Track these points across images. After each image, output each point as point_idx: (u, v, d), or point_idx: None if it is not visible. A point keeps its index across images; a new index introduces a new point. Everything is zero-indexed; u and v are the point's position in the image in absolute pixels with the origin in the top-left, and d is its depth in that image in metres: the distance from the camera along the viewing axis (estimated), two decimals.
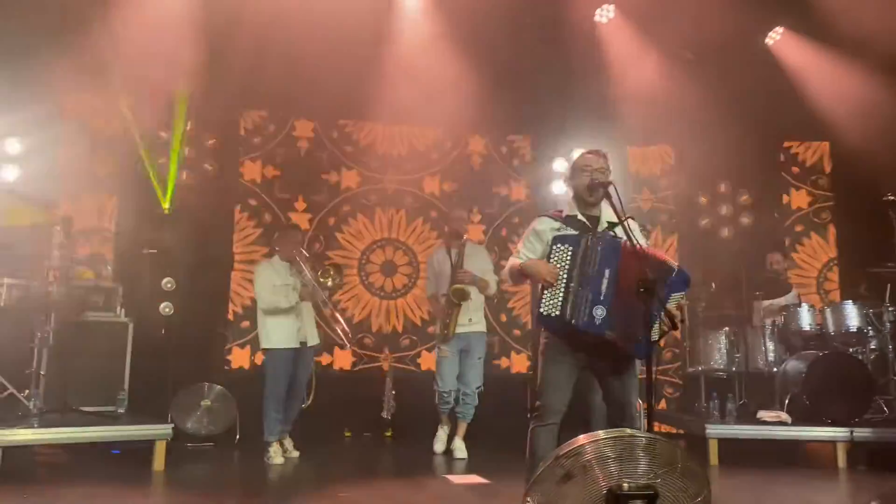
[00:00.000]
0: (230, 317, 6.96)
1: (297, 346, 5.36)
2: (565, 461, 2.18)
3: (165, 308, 6.18)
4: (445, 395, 5.73)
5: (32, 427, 4.69)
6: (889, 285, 6.02)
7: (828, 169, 7.90)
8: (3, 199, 5.77)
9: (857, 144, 6.95)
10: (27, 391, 5.10)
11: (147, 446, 4.97)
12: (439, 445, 5.87)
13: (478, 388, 5.78)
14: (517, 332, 7.53)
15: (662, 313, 3.03)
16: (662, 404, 7.52)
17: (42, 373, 5.18)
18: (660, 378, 7.60)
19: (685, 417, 6.38)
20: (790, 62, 7.01)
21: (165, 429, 4.97)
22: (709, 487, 2.23)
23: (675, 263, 3.26)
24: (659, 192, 7.91)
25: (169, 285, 6.22)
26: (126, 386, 5.71)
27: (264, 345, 5.38)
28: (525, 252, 3.50)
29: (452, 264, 5.71)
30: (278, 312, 5.31)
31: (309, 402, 6.09)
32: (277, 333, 5.33)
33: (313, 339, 5.59)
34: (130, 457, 5.20)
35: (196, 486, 4.83)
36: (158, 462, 4.87)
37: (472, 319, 5.76)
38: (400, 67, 6.46)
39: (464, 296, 5.60)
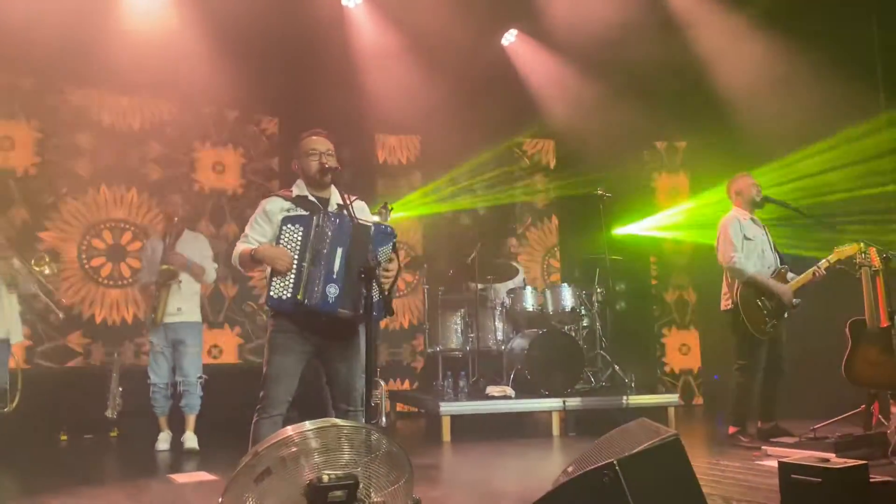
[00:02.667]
0: None
1: None
2: (266, 455, 2.10)
3: None
4: (159, 388, 5.45)
5: None
6: (598, 270, 6.76)
7: (553, 164, 8.67)
8: None
9: (578, 142, 7.71)
10: None
11: None
12: (162, 443, 5.54)
13: (199, 377, 5.54)
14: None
15: (380, 289, 3.07)
16: (404, 385, 7.78)
17: None
18: (403, 359, 7.86)
19: (423, 397, 6.64)
20: (522, 63, 7.55)
21: None
22: (411, 469, 2.28)
23: (373, 221, 3.30)
24: (404, 177, 8.14)
25: None
26: None
27: None
28: (253, 235, 3.37)
29: (165, 247, 5.42)
30: None
31: (13, 405, 5.38)
32: None
33: (16, 336, 4.94)
34: None
35: None
36: None
37: (182, 308, 5.47)
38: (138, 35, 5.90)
39: (171, 275, 5.32)
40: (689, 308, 8.21)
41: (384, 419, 6.21)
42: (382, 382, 6.35)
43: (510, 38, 7.52)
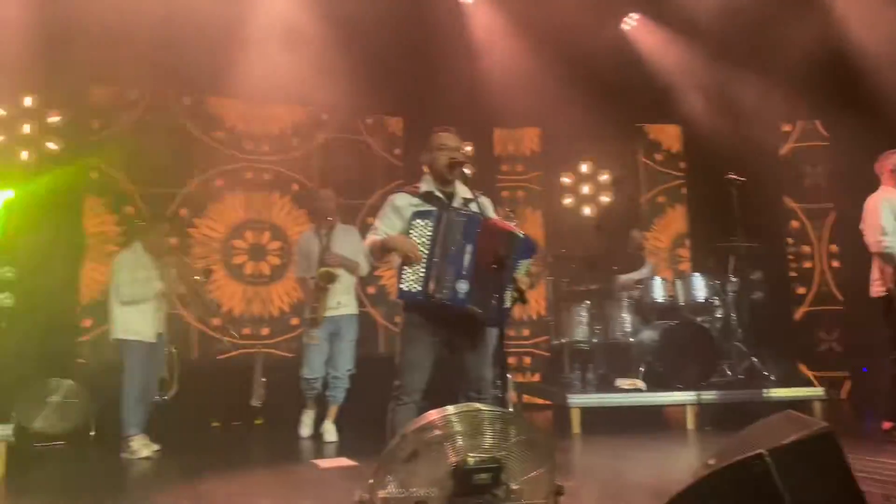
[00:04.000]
0: (81, 308, 6.54)
1: (154, 339, 5.14)
2: (413, 438, 2.19)
3: (5, 299, 5.74)
4: (312, 381, 5.66)
5: None
6: (732, 258, 6.48)
7: (680, 150, 8.38)
8: None
9: (706, 126, 7.42)
10: None
11: None
12: (305, 430, 5.79)
13: (349, 371, 5.73)
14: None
15: (512, 286, 3.12)
16: (529, 376, 7.79)
17: None
18: (528, 351, 7.87)
19: (551, 388, 6.62)
20: (644, 47, 7.36)
21: (5, 429, 4.59)
22: (553, 458, 2.31)
23: (521, 233, 3.34)
24: (525, 172, 8.14)
25: (9, 275, 5.78)
26: None
27: (120, 336, 5.10)
28: (384, 228, 3.50)
29: (321, 246, 5.62)
30: (137, 304, 5.07)
31: (172, 393, 5.86)
32: (134, 325, 5.10)
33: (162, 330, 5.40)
34: None
35: (42, 489, 4.51)
36: None
37: (341, 302, 5.68)
38: (268, 46, 6.26)
39: (330, 278, 5.52)
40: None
41: (511, 410, 6.23)
42: (508, 374, 6.39)
43: (631, 22, 7.35)
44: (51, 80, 6.38)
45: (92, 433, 5.72)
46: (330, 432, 5.62)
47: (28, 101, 6.55)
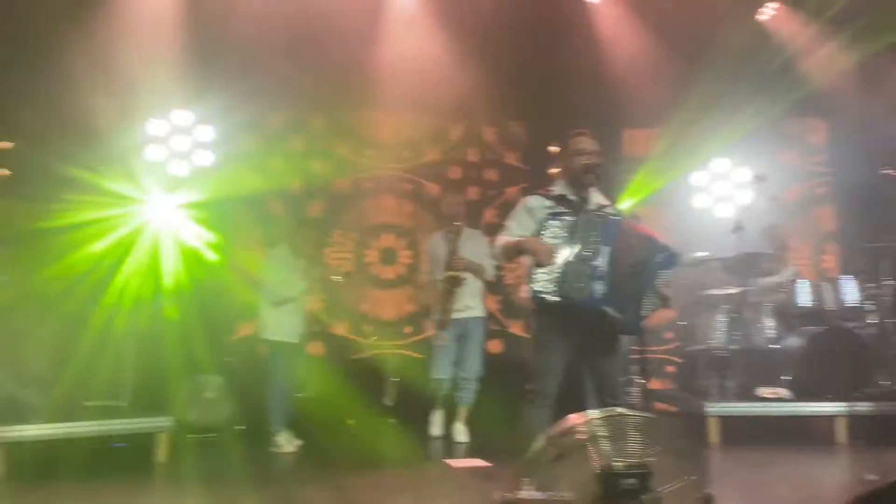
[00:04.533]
0: (231, 309, 6.98)
1: (297, 340, 5.42)
2: (557, 441, 2.19)
3: (166, 301, 6.25)
4: (440, 381, 5.77)
5: (37, 423, 4.74)
6: (885, 260, 6.01)
7: (825, 144, 7.86)
8: None
9: (854, 121, 6.93)
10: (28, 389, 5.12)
11: (148, 439, 5.00)
12: (436, 429, 5.90)
13: (477, 373, 5.79)
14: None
15: (653, 293, 3.05)
16: (663, 383, 7.54)
17: (41, 369, 5.20)
18: (661, 357, 7.63)
19: (685, 396, 6.39)
20: (785, 38, 6.96)
21: (165, 421, 5.00)
22: (704, 465, 2.24)
23: (663, 242, 3.27)
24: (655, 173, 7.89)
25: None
26: (128, 379, 5.72)
27: (266, 336, 5.43)
28: (517, 230, 3.52)
29: (448, 250, 5.72)
30: (283, 304, 5.36)
31: (308, 392, 6.17)
32: (280, 325, 5.41)
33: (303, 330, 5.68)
34: (133, 450, 5.22)
35: (199, 476, 4.86)
36: (161, 454, 4.90)
37: (469, 305, 5.76)
38: (393, 54, 6.46)
39: (457, 282, 5.62)
40: None
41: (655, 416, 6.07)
42: (640, 380, 6.22)
43: (769, 11, 6.99)
44: (203, 96, 6.85)
45: (240, 427, 6.10)
46: (461, 433, 5.70)
47: (181, 117, 7.06)
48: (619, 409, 2.28)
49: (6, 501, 4.12)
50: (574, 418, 2.26)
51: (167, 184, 6.63)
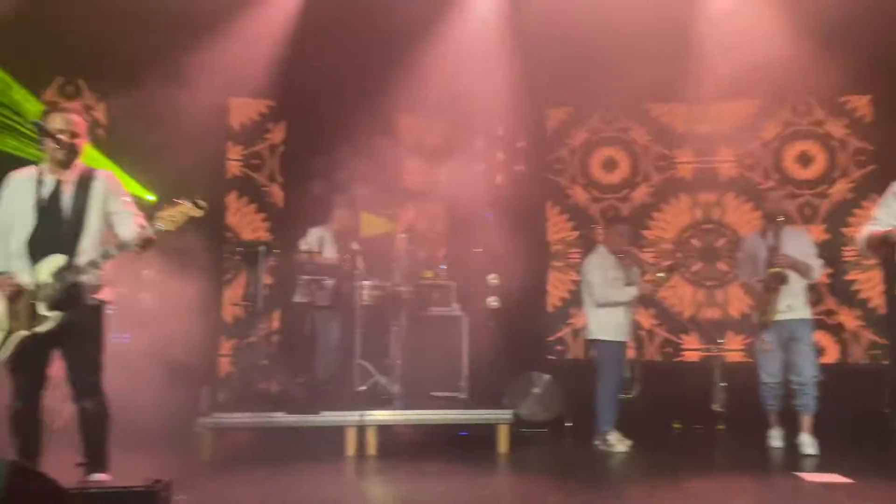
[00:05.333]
0: (549, 309, 7.25)
1: (626, 339, 5.45)
2: None
3: (492, 302, 6.71)
4: (771, 387, 5.40)
5: (397, 409, 5.39)
6: None
7: None
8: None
9: None
10: (387, 378, 5.83)
11: (487, 429, 5.38)
12: (775, 441, 5.49)
13: (814, 377, 5.29)
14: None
15: None
16: None
17: (398, 361, 5.88)
18: None
19: None
20: None
21: (507, 414, 5.34)
22: None
23: None
24: None
25: (494, 280, 6.74)
26: (465, 374, 6.22)
27: (596, 336, 5.53)
28: (884, 217, 3.15)
29: (769, 247, 5.34)
30: (611, 305, 5.43)
31: (634, 392, 6.14)
32: (610, 325, 5.48)
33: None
34: (474, 438, 5.66)
35: (536, 467, 5.12)
36: (502, 445, 5.24)
37: (791, 305, 5.32)
38: (711, 41, 6.16)
39: (781, 280, 5.22)
40: None
41: None
42: None
43: None
44: (515, 109, 7.20)
45: (568, 424, 6.28)
46: (808, 445, 5.21)
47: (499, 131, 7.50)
48: None
49: (382, 476, 4.72)
50: None
51: None
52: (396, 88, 6.47)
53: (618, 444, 5.36)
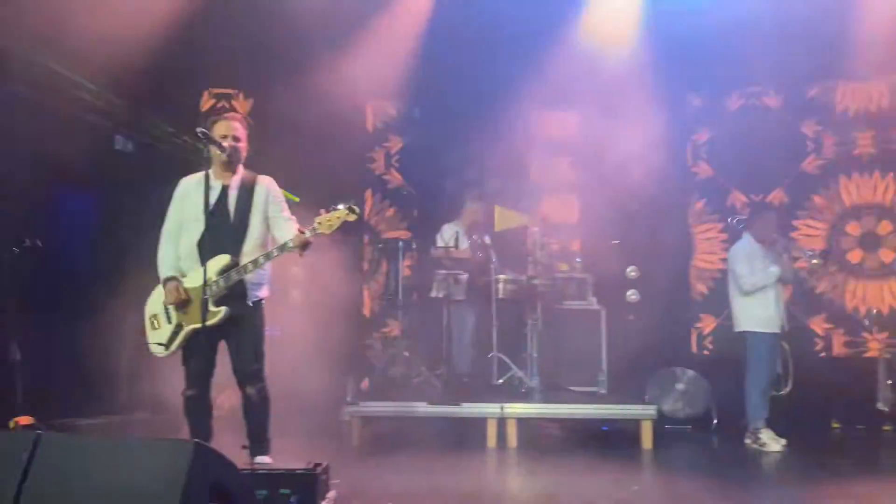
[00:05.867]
0: (692, 301, 6.96)
1: (778, 330, 5.16)
2: None
3: (631, 295, 6.54)
4: None
5: (537, 402, 5.38)
6: None
7: None
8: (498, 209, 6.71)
9: None
10: (524, 371, 5.82)
11: (628, 425, 5.26)
12: None
13: None
14: None
15: None
16: None
17: (535, 355, 5.87)
18: None
19: None
20: None
21: (650, 409, 5.19)
22: None
23: None
24: None
25: (633, 273, 6.56)
26: (604, 368, 6.09)
27: (746, 328, 5.28)
28: None
29: None
30: (758, 294, 5.17)
31: (786, 389, 5.79)
32: (759, 317, 5.23)
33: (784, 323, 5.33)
34: (616, 434, 5.55)
35: (682, 464, 4.95)
36: (646, 441, 5.10)
37: None
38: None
39: None
40: None
41: None
42: None
43: None
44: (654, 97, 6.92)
45: (714, 421, 6.02)
46: None
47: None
48: None
49: (521, 468, 4.73)
50: None
51: None
52: (529, 83, 6.41)
53: (771, 442, 5.08)
